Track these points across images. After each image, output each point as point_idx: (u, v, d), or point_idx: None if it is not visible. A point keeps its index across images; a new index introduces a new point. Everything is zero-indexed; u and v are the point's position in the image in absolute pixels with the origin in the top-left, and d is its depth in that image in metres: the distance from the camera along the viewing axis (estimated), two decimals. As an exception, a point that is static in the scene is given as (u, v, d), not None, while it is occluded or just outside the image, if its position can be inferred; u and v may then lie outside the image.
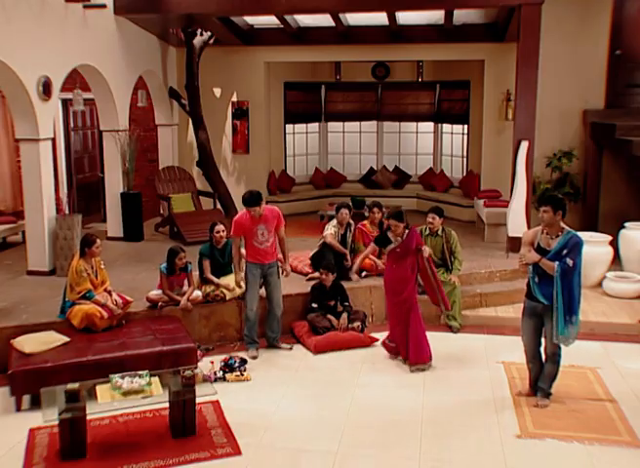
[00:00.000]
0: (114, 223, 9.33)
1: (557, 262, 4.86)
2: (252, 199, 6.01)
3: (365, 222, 7.60)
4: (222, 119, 11.14)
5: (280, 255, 6.41)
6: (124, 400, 4.57)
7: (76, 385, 4.46)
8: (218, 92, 11.10)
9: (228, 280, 6.63)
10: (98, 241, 6.07)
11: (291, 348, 6.37)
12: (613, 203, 9.48)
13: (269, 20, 10.12)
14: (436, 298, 6.23)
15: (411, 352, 5.95)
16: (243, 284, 6.42)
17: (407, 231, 6.03)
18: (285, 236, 6.40)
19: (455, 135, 11.58)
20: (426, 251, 6.04)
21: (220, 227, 6.71)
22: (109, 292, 6.12)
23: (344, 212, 7.45)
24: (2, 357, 5.53)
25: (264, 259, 6.21)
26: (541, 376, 5.27)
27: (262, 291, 6.39)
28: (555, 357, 5.16)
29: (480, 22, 10.00)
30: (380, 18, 9.65)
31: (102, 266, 6.21)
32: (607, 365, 6.02)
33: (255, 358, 6.16)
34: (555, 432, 4.79)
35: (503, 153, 9.51)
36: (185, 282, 6.55)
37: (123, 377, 4.70)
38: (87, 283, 5.95)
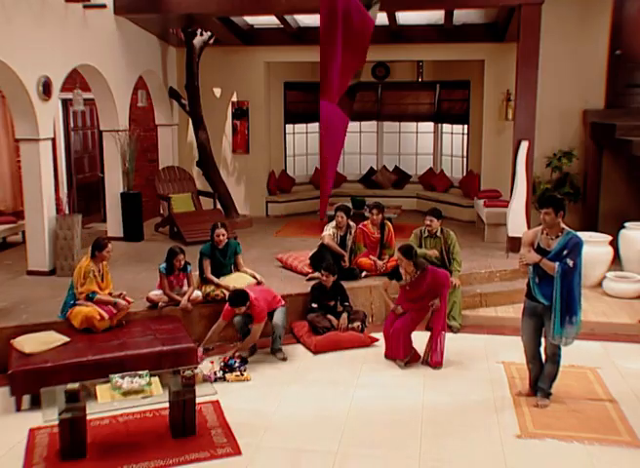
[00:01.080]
0: (114, 223, 9.33)
1: (558, 263, 4.85)
2: (233, 300, 5.96)
3: (366, 223, 7.59)
4: (222, 119, 11.14)
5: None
6: (124, 400, 4.57)
7: (76, 385, 4.46)
8: (218, 92, 11.10)
9: (228, 280, 6.63)
10: (109, 246, 6.07)
11: (284, 359, 6.20)
12: (613, 203, 9.48)
13: (269, 20, 10.13)
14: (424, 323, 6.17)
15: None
16: (236, 285, 6.42)
17: (418, 272, 5.91)
18: (257, 332, 6.05)
19: (455, 135, 11.57)
20: (435, 304, 5.93)
21: (220, 231, 6.70)
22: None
23: (340, 215, 7.45)
24: (2, 357, 5.53)
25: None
26: (541, 376, 5.27)
27: None
28: (555, 357, 5.16)
29: (480, 22, 10.00)
30: (380, 18, 9.52)
31: (107, 269, 6.23)
32: (607, 365, 6.02)
33: (245, 358, 6.10)
34: (555, 432, 4.79)
35: (503, 153, 9.51)
36: (185, 282, 6.56)
37: (123, 377, 4.71)
38: (92, 284, 5.94)
